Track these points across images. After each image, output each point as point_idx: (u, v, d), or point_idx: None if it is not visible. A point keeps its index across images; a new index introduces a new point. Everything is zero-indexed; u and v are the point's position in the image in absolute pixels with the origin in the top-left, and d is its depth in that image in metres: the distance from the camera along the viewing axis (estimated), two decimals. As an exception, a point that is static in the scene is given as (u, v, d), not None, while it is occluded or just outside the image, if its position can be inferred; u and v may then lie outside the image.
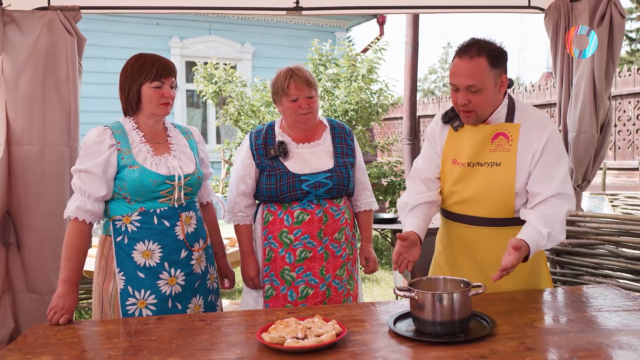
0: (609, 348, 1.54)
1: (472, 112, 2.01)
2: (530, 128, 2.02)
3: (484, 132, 2.07)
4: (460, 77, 1.97)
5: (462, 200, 2.09)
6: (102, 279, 2.14)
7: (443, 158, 2.15)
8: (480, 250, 2.09)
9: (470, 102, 1.98)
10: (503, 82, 2.01)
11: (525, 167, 2.00)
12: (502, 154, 2.03)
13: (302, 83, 2.34)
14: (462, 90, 1.98)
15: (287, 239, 2.35)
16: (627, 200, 5.81)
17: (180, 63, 9.15)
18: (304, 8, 3.21)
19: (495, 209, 2.05)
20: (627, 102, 7.29)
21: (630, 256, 3.27)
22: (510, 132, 2.03)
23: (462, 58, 1.97)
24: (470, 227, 2.10)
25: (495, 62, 1.97)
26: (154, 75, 2.09)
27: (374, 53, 7.27)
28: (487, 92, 1.97)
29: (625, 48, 20.53)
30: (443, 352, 1.54)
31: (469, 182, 2.07)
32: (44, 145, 2.81)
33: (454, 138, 2.13)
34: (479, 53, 1.95)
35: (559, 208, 1.95)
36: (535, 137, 2.00)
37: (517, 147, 2.01)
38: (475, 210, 2.07)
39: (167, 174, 2.10)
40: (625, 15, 3.14)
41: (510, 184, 2.01)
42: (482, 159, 2.05)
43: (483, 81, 1.95)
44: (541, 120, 2.07)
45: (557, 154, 2.01)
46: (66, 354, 1.64)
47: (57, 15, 2.84)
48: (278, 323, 1.69)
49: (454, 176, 2.10)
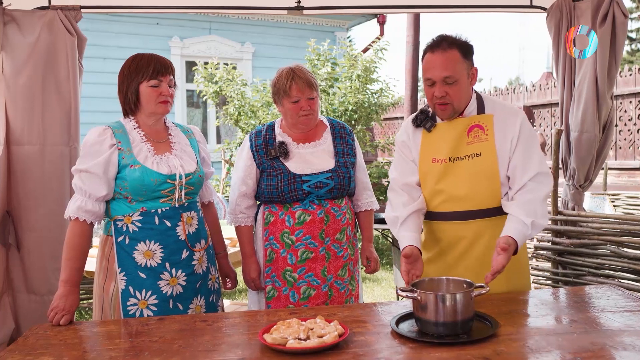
0: (612, 349, 1.53)
1: (449, 105, 2.04)
2: (503, 116, 2.08)
3: (459, 126, 2.10)
4: (435, 70, 2.01)
5: (448, 198, 2.09)
6: (103, 279, 2.14)
7: (421, 159, 2.16)
8: (475, 245, 2.08)
9: (447, 94, 2.02)
10: (474, 74, 2.08)
11: (505, 154, 2.05)
12: (480, 145, 2.06)
13: (304, 84, 2.33)
14: (439, 82, 2.01)
15: (289, 239, 2.34)
16: (628, 200, 5.80)
17: (180, 63, 9.15)
18: (305, 7, 3.20)
19: (483, 200, 2.06)
20: (628, 102, 7.28)
21: (633, 256, 3.26)
22: (484, 122, 2.08)
23: (435, 52, 2.03)
24: (460, 224, 2.09)
25: (466, 54, 2.03)
26: (150, 73, 2.09)
27: (375, 53, 7.26)
28: (462, 84, 2.03)
29: (626, 48, 20.54)
30: (446, 353, 1.53)
31: (452, 178, 2.08)
32: (44, 145, 2.81)
33: (428, 139, 2.15)
34: (450, 46, 2.01)
35: (538, 192, 2.01)
36: (509, 124, 2.06)
37: (494, 135, 2.05)
38: (463, 205, 2.07)
39: (168, 173, 2.10)
40: (628, 15, 3.13)
41: (494, 172, 2.04)
42: (462, 152, 2.08)
43: (458, 72, 2.01)
44: (511, 108, 2.15)
45: (531, 137, 2.08)
46: (67, 355, 1.63)
47: (58, 15, 2.84)
48: (280, 324, 1.68)
49: (437, 174, 2.11)
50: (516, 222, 1.95)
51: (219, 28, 9.52)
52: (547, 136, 8.69)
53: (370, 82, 7.29)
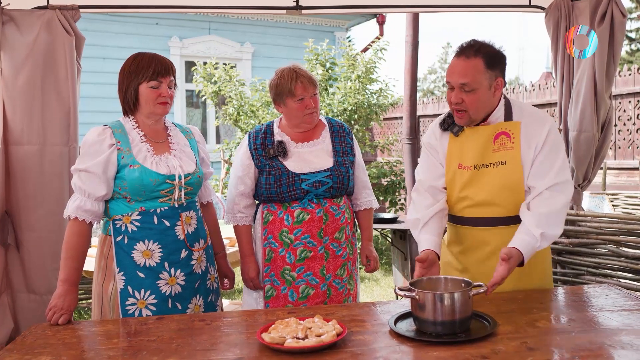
0: (610, 348, 1.53)
1: (465, 113, 2.02)
2: (530, 124, 2.05)
3: (485, 133, 2.07)
4: (454, 76, 1.99)
5: (473, 204, 2.09)
6: (101, 279, 2.14)
7: (447, 164, 2.15)
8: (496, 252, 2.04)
9: (464, 101, 2.00)
10: (498, 85, 2.03)
11: (530, 162, 2.02)
12: (506, 153, 2.04)
13: (308, 83, 2.34)
14: (456, 88, 2.00)
15: (287, 238, 2.34)
16: (627, 200, 5.80)
17: (180, 63, 9.14)
18: (304, 7, 3.20)
19: (508, 208, 2.05)
20: (627, 102, 7.29)
21: (632, 256, 3.26)
22: (511, 130, 2.05)
23: (459, 57, 2.00)
24: (484, 229, 2.09)
25: (491, 64, 1.99)
26: (150, 74, 2.08)
27: (374, 53, 7.26)
28: (481, 93, 1.98)
29: (625, 48, 20.56)
30: (444, 352, 1.53)
31: (478, 185, 2.07)
32: (43, 145, 2.81)
33: (455, 143, 2.13)
34: (475, 54, 1.98)
35: (553, 201, 1.97)
36: (536, 133, 2.03)
37: (520, 144, 2.02)
38: (488, 212, 2.07)
39: (168, 173, 2.10)
40: (627, 14, 3.14)
41: (519, 181, 2.02)
42: (487, 160, 2.06)
43: (477, 81, 1.97)
44: (540, 116, 2.10)
45: (556, 146, 2.04)
46: (65, 354, 1.63)
47: (56, 15, 2.83)
48: (278, 323, 1.68)
49: (463, 181, 2.10)
50: (525, 233, 1.93)
51: (218, 28, 9.51)
52: (547, 136, 8.69)
53: (369, 82, 7.29)
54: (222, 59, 8.93)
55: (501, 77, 2.03)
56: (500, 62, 2.03)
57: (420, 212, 2.14)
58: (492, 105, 2.06)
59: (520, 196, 2.04)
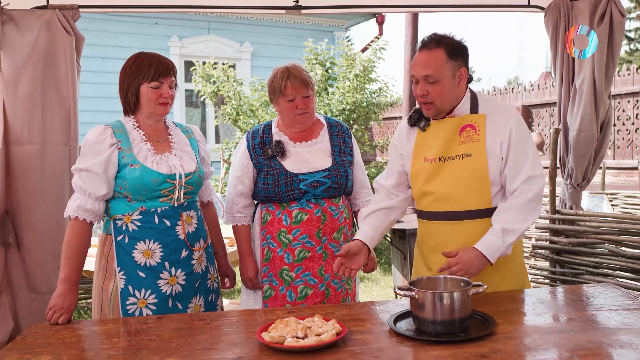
0: (609, 347, 1.54)
1: (432, 104, 2.04)
2: (496, 117, 2.07)
3: (451, 125, 2.09)
4: (418, 68, 2.03)
5: (438, 197, 2.09)
6: (102, 278, 2.14)
7: (414, 159, 2.16)
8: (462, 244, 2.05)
9: (429, 93, 2.02)
10: (462, 75, 2.05)
11: (496, 155, 2.03)
12: (471, 145, 2.05)
13: (299, 83, 2.32)
14: (421, 81, 2.02)
15: (286, 238, 2.34)
16: (626, 200, 5.80)
17: (179, 62, 9.14)
18: (303, 7, 3.20)
19: (472, 201, 2.05)
20: (627, 102, 7.30)
21: (630, 255, 3.27)
22: (477, 122, 2.06)
23: (421, 51, 2.04)
24: (449, 224, 2.08)
25: (453, 54, 2.01)
26: (152, 75, 2.08)
27: (373, 52, 7.26)
28: (445, 83, 2.01)
29: (624, 47, 20.57)
30: (443, 352, 1.54)
31: (442, 177, 2.07)
32: (43, 144, 2.81)
33: (422, 138, 2.15)
34: (437, 45, 2.01)
35: (521, 197, 1.99)
36: (501, 125, 2.04)
37: (486, 136, 2.04)
38: (453, 205, 2.07)
39: (168, 172, 2.10)
40: (626, 14, 3.14)
41: (484, 173, 2.03)
42: (453, 152, 2.07)
43: (440, 71, 1.99)
44: (505, 108, 2.13)
45: (524, 139, 2.06)
46: (65, 354, 1.63)
47: (56, 14, 2.84)
48: (278, 322, 1.69)
49: (427, 173, 2.11)
50: (489, 232, 1.97)
51: (217, 28, 9.52)
52: (546, 135, 8.71)
53: (368, 82, 7.29)
54: (222, 58, 8.94)
55: (464, 68, 2.05)
56: (462, 52, 2.05)
57: (367, 207, 2.25)
58: (458, 96, 2.08)
59: (485, 189, 2.04)
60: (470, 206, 2.05)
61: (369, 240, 2.13)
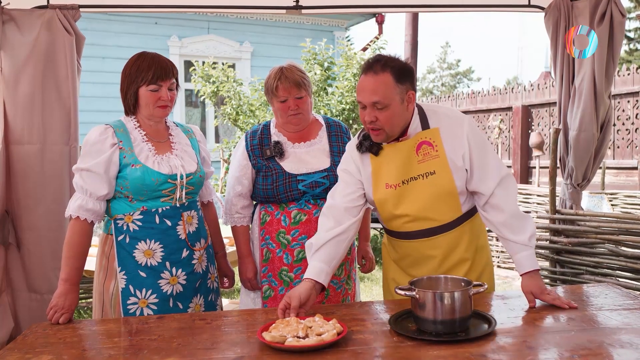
0: (610, 347, 1.54)
1: (381, 130, 1.96)
2: (449, 128, 2.02)
3: (405, 147, 2.03)
4: (365, 93, 1.92)
5: (412, 218, 2.05)
6: (103, 278, 2.14)
7: (374, 186, 2.06)
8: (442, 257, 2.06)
9: (378, 119, 1.93)
10: (410, 99, 1.97)
11: (459, 168, 2.00)
12: (432, 162, 2.00)
13: (291, 84, 2.31)
14: (369, 107, 1.93)
15: (285, 239, 2.34)
16: (626, 200, 5.81)
17: (179, 62, 9.14)
18: (304, 7, 3.20)
19: (445, 215, 2.03)
20: (626, 102, 7.30)
21: (630, 255, 3.27)
22: (432, 138, 2.01)
23: (367, 74, 1.93)
24: (429, 240, 2.06)
25: (400, 78, 1.93)
26: (150, 78, 2.07)
27: (373, 52, 7.26)
28: (394, 109, 1.93)
29: (624, 47, 20.57)
30: (444, 351, 1.54)
31: (410, 199, 2.02)
32: (43, 144, 2.81)
33: (378, 163, 2.06)
34: (383, 69, 1.91)
35: (510, 203, 1.99)
36: (457, 134, 2.00)
37: (445, 150, 2.00)
38: (427, 223, 2.04)
39: (169, 172, 2.10)
40: (626, 14, 3.14)
41: (451, 188, 2.00)
42: (414, 172, 2.01)
43: (388, 97, 1.91)
44: (455, 116, 2.07)
45: (481, 142, 2.04)
46: (66, 354, 1.63)
47: (56, 14, 2.83)
48: (279, 322, 1.69)
49: (393, 199, 2.04)
50: (522, 250, 1.95)
51: (217, 27, 9.52)
52: (546, 135, 8.71)
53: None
54: (221, 58, 8.94)
55: (412, 91, 1.97)
56: (409, 75, 1.96)
57: (315, 237, 2.02)
58: (407, 119, 2.00)
59: (455, 202, 2.02)
60: (444, 220, 2.04)
61: (324, 276, 1.91)
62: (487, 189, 1.99)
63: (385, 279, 2.30)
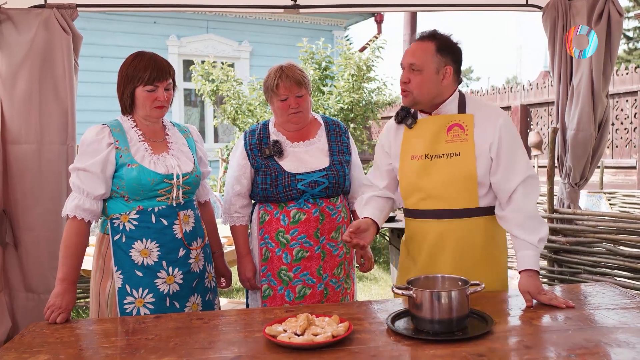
0: (607, 346, 1.54)
1: (409, 93, 2.07)
2: (484, 118, 2.07)
3: (438, 123, 2.09)
4: (406, 55, 2.07)
5: (426, 196, 2.09)
6: (99, 278, 2.14)
7: (401, 156, 2.16)
8: (448, 245, 2.08)
9: (410, 81, 2.05)
10: (447, 73, 2.05)
11: (484, 156, 2.03)
12: (459, 144, 2.05)
13: (292, 83, 2.32)
14: (406, 68, 2.06)
15: (284, 238, 2.34)
16: (624, 199, 5.81)
17: (178, 62, 9.14)
18: (302, 6, 3.20)
19: (460, 200, 2.05)
20: (625, 101, 7.30)
21: (628, 254, 3.28)
22: (464, 122, 2.06)
23: (415, 41, 2.09)
24: (436, 222, 2.09)
25: (442, 50, 2.03)
26: (146, 79, 2.07)
27: (372, 52, 7.26)
28: (427, 75, 2.03)
29: (623, 47, 20.59)
30: (441, 350, 1.54)
31: (430, 175, 2.07)
32: (41, 143, 2.81)
33: (409, 136, 2.15)
34: (429, 38, 2.05)
35: (529, 203, 2.01)
36: (489, 126, 2.04)
37: (474, 136, 2.04)
38: (441, 204, 2.07)
39: (165, 172, 2.10)
40: (624, 13, 3.14)
41: (472, 173, 2.03)
42: (440, 150, 2.07)
43: (424, 62, 2.02)
44: (493, 109, 2.12)
45: (514, 140, 2.07)
46: (63, 353, 1.63)
47: (54, 13, 2.83)
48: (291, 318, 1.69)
49: (414, 170, 2.11)
50: (527, 249, 1.97)
51: (216, 27, 9.52)
52: (544, 135, 8.71)
53: (367, 81, 7.29)
54: (220, 57, 8.93)
55: (451, 66, 2.05)
56: (452, 51, 2.06)
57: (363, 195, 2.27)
58: (439, 92, 2.07)
59: (472, 188, 2.04)
60: (457, 205, 2.05)
61: (377, 218, 2.15)
62: (511, 184, 2.01)
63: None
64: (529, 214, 1.99)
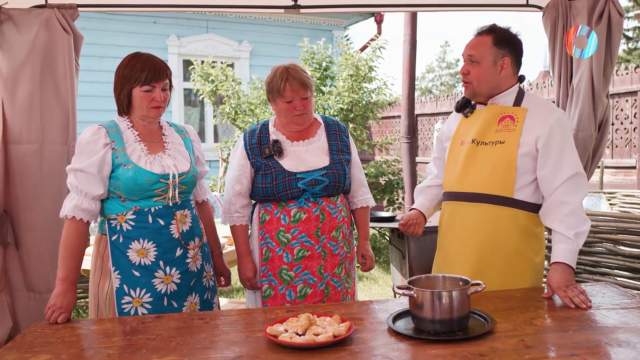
0: (607, 346, 1.54)
1: (469, 84, 2.17)
2: (537, 112, 2.11)
3: (492, 112, 2.17)
4: (465, 48, 2.19)
5: (463, 178, 2.17)
6: (98, 278, 2.14)
7: (453, 140, 2.27)
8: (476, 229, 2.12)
9: (469, 73, 2.15)
10: (505, 65, 2.13)
11: (529, 146, 2.06)
12: (506, 134, 2.11)
13: (298, 85, 2.31)
14: (466, 60, 2.17)
15: (285, 238, 2.34)
16: (624, 199, 5.81)
17: (178, 61, 9.14)
18: (302, 6, 3.20)
19: (496, 186, 2.09)
20: (625, 101, 7.30)
21: (628, 254, 3.28)
22: (517, 114, 2.12)
23: (475, 35, 2.20)
24: (469, 205, 2.15)
25: (500, 43, 2.13)
26: (143, 79, 2.08)
27: (372, 52, 7.26)
28: (484, 66, 2.13)
29: (623, 47, 20.60)
30: (442, 350, 1.54)
31: (472, 160, 2.15)
32: (42, 143, 2.80)
33: (464, 124, 2.27)
34: (487, 32, 2.17)
35: (574, 200, 2.02)
36: (541, 121, 2.08)
37: (522, 127, 2.09)
38: (473, 186, 2.13)
39: (161, 172, 2.10)
40: (624, 14, 3.14)
41: (512, 158, 2.07)
42: (487, 138, 2.14)
43: (482, 54, 2.13)
44: (549, 106, 2.17)
45: (565, 137, 2.09)
46: (65, 353, 1.63)
47: (55, 14, 2.83)
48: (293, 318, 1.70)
49: (460, 155, 2.20)
50: (562, 242, 1.99)
51: (216, 27, 9.51)
52: (544, 135, 8.69)
53: (367, 81, 7.28)
54: (220, 57, 8.93)
55: (509, 58, 2.13)
56: (510, 44, 2.14)
57: (423, 183, 2.49)
58: (497, 83, 2.15)
59: (510, 176, 2.07)
60: (492, 191, 2.10)
61: (425, 210, 2.38)
62: (557, 180, 2.04)
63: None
64: (571, 210, 2.01)
